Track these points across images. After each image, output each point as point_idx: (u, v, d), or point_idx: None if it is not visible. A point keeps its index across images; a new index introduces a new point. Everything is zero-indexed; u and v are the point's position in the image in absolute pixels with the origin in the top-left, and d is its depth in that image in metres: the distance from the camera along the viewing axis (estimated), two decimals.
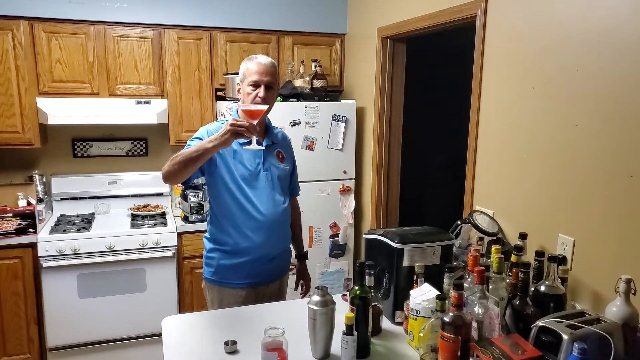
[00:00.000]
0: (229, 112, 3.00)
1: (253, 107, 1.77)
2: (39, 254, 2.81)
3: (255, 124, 1.70)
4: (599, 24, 1.61)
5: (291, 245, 2.25)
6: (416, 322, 1.51)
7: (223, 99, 3.27)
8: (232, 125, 1.65)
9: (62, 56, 3.02)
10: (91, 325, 2.92)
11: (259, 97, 1.90)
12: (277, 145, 2.10)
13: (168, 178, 1.81)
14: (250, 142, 1.80)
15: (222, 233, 2.01)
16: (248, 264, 2.00)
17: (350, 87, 3.60)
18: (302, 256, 2.36)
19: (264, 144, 2.02)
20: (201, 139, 1.89)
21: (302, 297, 2.35)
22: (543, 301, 1.50)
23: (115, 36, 3.10)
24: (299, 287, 2.36)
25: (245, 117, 1.73)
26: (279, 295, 2.16)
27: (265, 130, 2.07)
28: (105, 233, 2.94)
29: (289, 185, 2.17)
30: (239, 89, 1.99)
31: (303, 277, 2.35)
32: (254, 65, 1.92)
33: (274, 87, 1.96)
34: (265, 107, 1.81)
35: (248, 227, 1.97)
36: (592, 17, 1.64)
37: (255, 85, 1.91)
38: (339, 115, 3.26)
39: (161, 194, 3.50)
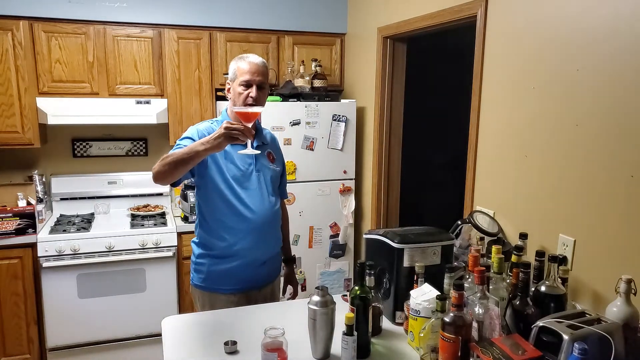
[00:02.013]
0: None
1: (249, 110, 1.73)
2: (39, 254, 2.81)
3: (250, 126, 1.66)
4: (600, 23, 1.61)
5: None
6: (416, 322, 1.51)
7: (223, 98, 3.26)
8: (226, 128, 1.60)
9: (62, 56, 3.01)
10: (91, 325, 2.92)
11: (251, 97, 1.86)
12: (267, 146, 2.06)
13: (157, 178, 1.77)
14: (244, 146, 1.75)
15: (213, 236, 1.96)
16: (240, 268, 1.95)
17: (350, 87, 3.60)
18: (290, 260, 2.29)
19: (254, 144, 1.96)
20: (191, 139, 1.85)
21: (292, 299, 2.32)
22: (543, 301, 1.49)
23: (115, 36, 3.10)
24: (287, 292, 2.31)
25: (239, 119, 1.70)
26: (271, 299, 2.10)
27: (255, 131, 2.01)
28: (105, 233, 2.94)
29: (279, 186, 2.13)
30: (229, 89, 1.95)
31: (291, 282, 2.30)
32: (245, 64, 1.89)
33: (266, 87, 1.93)
34: (261, 109, 1.78)
35: (240, 230, 1.93)
36: (593, 16, 1.64)
37: (247, 85, 1.87)
38: (339, 115, 3.26)
39: (161, 194, 3.50)
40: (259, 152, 1.90)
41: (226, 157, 1.91)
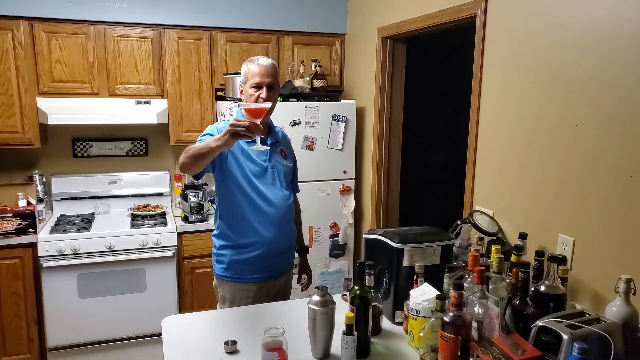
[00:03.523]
0: (229, 112, 3.00)
1: (255, 106, 1.77)
2: (39, 254, 2.81)
3: (258, 122, 1.68)
4: (599, 23, 1.61)
5: None
6: (416, 322, 1.51)
7: (223, 99, 3.27)
8: (231, 125, 1.63)
9: (62, 56, 3.02)
10: (91, 325, 2.92)
11: (262, 98, 1.95)
12: (279, 144, 2.16)
13: (183, 169, 1.84)
14: (254, 142, 1.79)
15: (232, 229, 2.04)
16: (260, 258, 2.03)
17: (350, 87, 3.60)
18: (304, 250, 2.41)
19: (268, 142, 2.06)
20: (210, 135, 1.92)
21: (304, 290, 2.40)
22: (543, 301, 1.50)
23: (115, 36, 3.10)
24: (301, 280, 2.40)
25: (248, 116, 1.73)
26: (285, 290, 2.21)
27: (268, 129, 2.12)
28: (105, 233, 2.94)
29: (291, 182, 2.22)
30: (242, 91, 2.04)
31: (305, 270, 2.41)
32: (255, 67, 1.97)
33: (276, 88, 2.01)
34: (268, 105, 1.82)
35: (259, 222, 2.01)
36: (593, 17, 1.64)
37: (258, 87, 1.96)
38: (339, 115, 3.26)
39: (161, 194, 3.50)
40: (267, 147, 1.99)
41: (242, 153, 2.00)
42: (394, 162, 3.28)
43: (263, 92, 1.95)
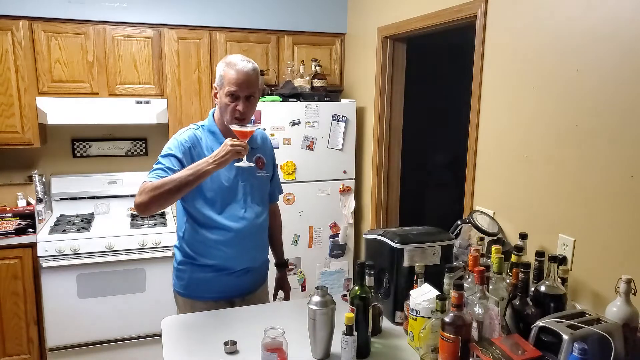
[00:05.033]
0: None
1: (247, 129, 1.72)
2: (39, 254, 2.81)
3: (246, 142, 1.69)
4: (600, 23, 1.61)
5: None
6: (416, 322, 1.51)
7: None
8: (232, 145, 1.63)
9: (61, 56, 3.01)
10: (91, 326, 2.92)
11: (238, 110, 1.78)
12: (256, 151, 1.96)
13: (150, 208, 1.68)
14: (240, 160, 1.74)
15: (193, 248, 1.90)
16: (221, 277, 1.91)
17: (350, 87, 3.60)
18: (282, 265, 2.24)
19: None
20: (174, 156, 1.79)
21: None
22: (543, 301, 1.49)
23: (115, 36, 3.10)
24: (277, 297, 2.25)
25: (237, 135, 1.71)
26: None
27: None
28: (104, 233, 2.94)
29: (268, 191, 2.05)
30: (216, 93, 1.84)
31: (282, 286, 2.24)
32: (233, 72, 1.76)
33: (255, 96, 1.84)
34: (256, 127, 1.80)
35: (222, 243, 1.87)
36: (593, 16, 1.64)
37: (234, 96, 1.78)
38: (339, 115, 3.26)
39: None
40: (252, 164, 1.84)
41: None
42: (394, 162, 3.28)
43: (240, 105, 1.77)
